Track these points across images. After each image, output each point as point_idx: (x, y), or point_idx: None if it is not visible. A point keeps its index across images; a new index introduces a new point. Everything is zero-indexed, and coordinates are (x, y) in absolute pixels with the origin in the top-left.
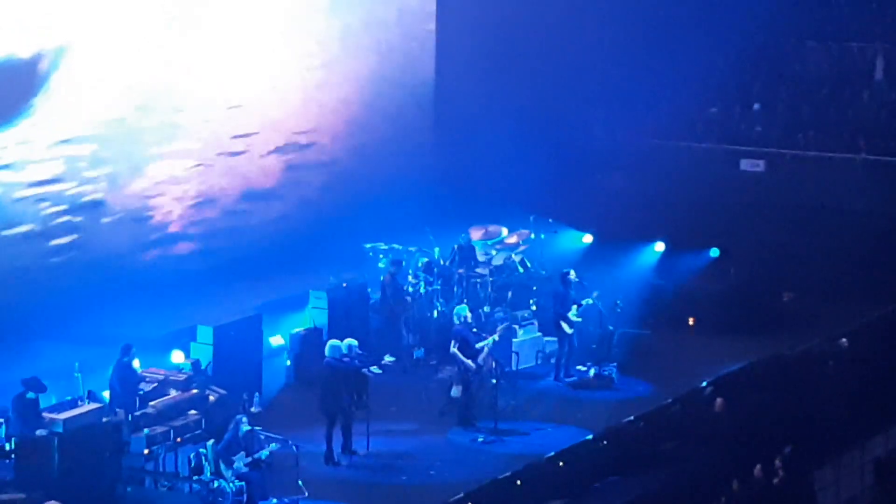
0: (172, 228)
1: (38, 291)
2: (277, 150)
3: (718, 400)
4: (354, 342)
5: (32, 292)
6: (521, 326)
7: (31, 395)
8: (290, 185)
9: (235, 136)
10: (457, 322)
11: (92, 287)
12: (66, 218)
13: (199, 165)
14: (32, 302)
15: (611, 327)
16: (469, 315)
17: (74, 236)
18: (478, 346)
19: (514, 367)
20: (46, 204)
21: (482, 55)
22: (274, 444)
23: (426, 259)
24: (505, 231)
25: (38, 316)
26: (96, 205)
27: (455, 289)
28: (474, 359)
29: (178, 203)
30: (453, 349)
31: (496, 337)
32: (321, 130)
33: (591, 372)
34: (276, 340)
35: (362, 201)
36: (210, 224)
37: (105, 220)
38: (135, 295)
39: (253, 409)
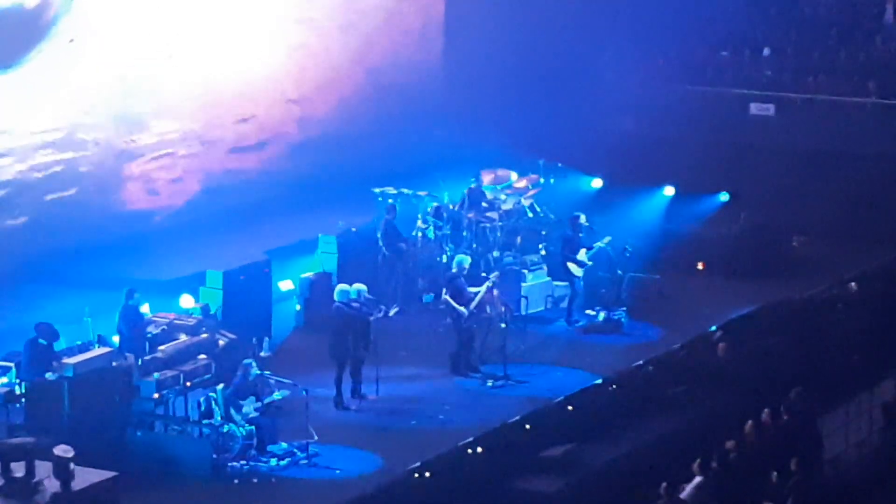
0: (180, 173)
1: (48, 236)
2: (287, 94)
3: (721, 344)
4: (364, 287)
5: (43, 237)
6: (530, 271)
7: (42, 341)
8: (299, 130)
9: (244, 82)
10: (454, 270)
11: (102, 232)
12: (70, 163)
13: (205, 111)
14: (43, 247)
15: (620, 272)
16: (467, 266)
17: (80, 183)
18: (471, 290)
19: (523, 312)
20: (50, 150)
21: None
22: (284, 391)
23: (436, 204)
24: (514, 175)
25: (49, 261)
26: (102, 151)
27: (465, 233)
28: (467, 306)
29: (186, 148)
30: (445, 296)
31: (489, 284)
32: (330, 76)
33: (601, 316)
34: (286, 285)
35: (371, 145)
36: (219, 169)
37: (111, 166)
38: (145, 240)
39: (262, 354)
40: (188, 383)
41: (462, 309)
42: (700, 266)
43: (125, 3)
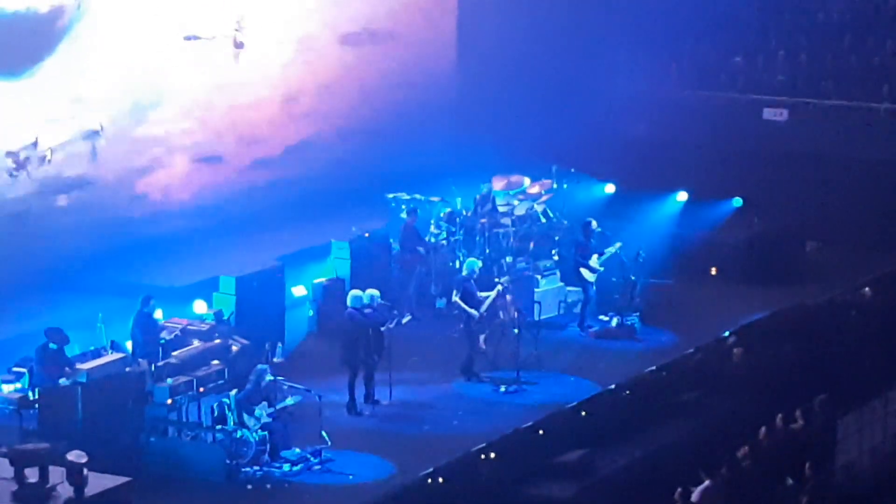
0: (192, 180)
1: (60, 243)
2: (300, 101)
3: (736, 350)
4: (377, 292)
5: (55, 243)
6: (543, 276)
7: (53, 345)
8: (311, 136)
9: (254, 88)
10: (464, 273)
11: (114, 238)
12: (82, 170)
13: (218, 119)
14: (55, 253)
15: (633, 277)
16: (477, 269)
17: (92, 190)
18: (482, 294)
19: (535, 317)
20: (62, 157)
21: (506, 4)
22: (297, 397)
23: (448, 209)
24: (527, 181)
25: (61, 267)
26: (114, 157)
27: (477, 239)
28: (478, 309)
29: (198, 155)
30: (455, 298)
31: (500, 288)
32: (344, 81)
33: (614, 322)
34: (299, 291)
35: (385, 151)
36: (232, 175)
37: (123, 173)
38: (158, 246)
39: (275, 359)
40: (201, 389)
41: (473, 311)
42: (713, 271)
43: (133, 8)
